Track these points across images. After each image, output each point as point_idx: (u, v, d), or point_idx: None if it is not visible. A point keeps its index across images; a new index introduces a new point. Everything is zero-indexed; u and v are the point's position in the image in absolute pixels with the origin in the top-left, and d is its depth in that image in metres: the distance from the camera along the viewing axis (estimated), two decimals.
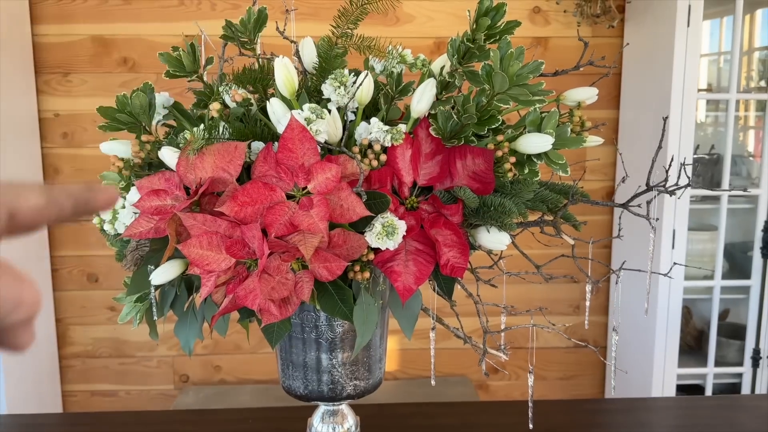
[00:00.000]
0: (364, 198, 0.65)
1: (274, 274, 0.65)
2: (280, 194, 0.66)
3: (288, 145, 0.65)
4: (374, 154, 0.73)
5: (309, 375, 0.84)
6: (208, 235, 0.65)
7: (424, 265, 0.73)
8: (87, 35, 2.19)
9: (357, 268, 0.70)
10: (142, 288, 0.77)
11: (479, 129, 0.74)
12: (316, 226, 0.63)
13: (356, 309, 0.70)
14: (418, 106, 0.77)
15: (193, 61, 0.81)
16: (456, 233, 0.74)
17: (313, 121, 0.67)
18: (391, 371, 2.41)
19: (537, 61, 0.71)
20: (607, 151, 2.35)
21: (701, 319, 2.31)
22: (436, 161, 0.77)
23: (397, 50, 0.86)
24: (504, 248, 0.76)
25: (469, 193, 0.73)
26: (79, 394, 2.41)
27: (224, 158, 0.68)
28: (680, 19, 1.84)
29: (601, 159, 2.36)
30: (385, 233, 0.66)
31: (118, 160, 0.73)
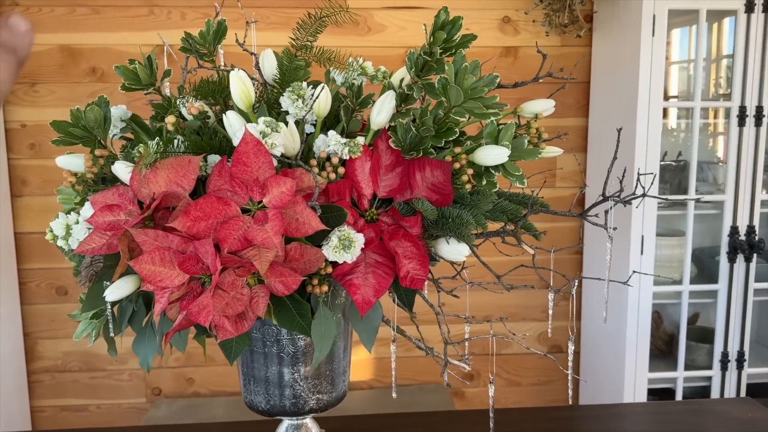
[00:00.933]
0: (318, 212, 0.64)
1: (229, 289, 0.64)
2: (235, 209, 0.65)
3: (242, 158, 0.65)
4: (332, 167, 0.72)
5: (271, 390, 0.83)
6: (160, 251, 0.64)
7: (384, 277, 0.72)
8: (55, 45, 2.16)
9: (315, 281, 0.70)
10: (97, 304, 0.75)
11: (437, 141, 0.74)
12: (270, 240, 0.62)
13: (314, 323, 0.69)
14: (378, 118, 0.77)
15: (150, 73, 0.80)
16: (416, 245, 0.74)
17: (268, 134, 0.66)
18: (367, 380, 2.40)
19: (492, 75, 0.71)
20: (579, 159, 2.37)
21: (672, 323, 2.34)
22: (396, 173, 0.77)
23: (358, 62, 0.86)
24: (463, 259, 0.76)
25: (428, 205, 0.73)
26: (49, 409, 2.36)
27: (178, 172, 0.67)
28: (645, 29, 1.87)
29: (572, 167, 2.38)
30: (341, 246, 0.66)
31: (71, 175, 0.71)
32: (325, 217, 0.67)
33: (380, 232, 0.74)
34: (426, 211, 0.72)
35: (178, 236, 0.64)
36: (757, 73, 1.94)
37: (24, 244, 2.24)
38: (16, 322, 2.25)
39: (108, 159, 0.72)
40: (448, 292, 0.84)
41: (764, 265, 2.16)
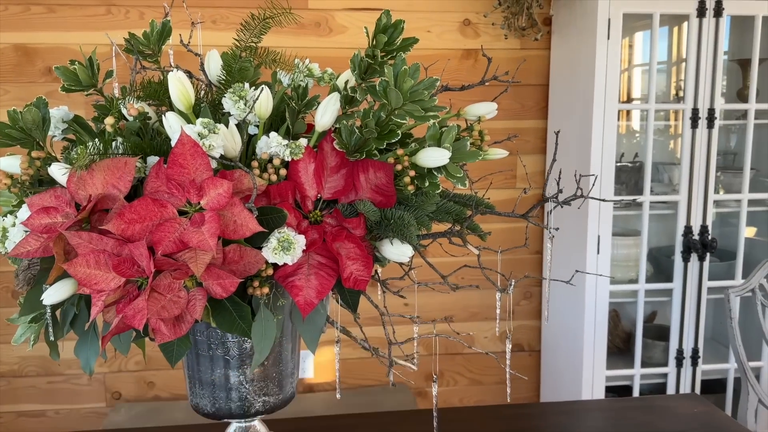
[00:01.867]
0: (255, 213, 0.64)
1: (165, 292, 0.64)
2: (171, 211, 0.64)
3: (179, 160, 0.64)
4: (274, 169, 0.72)
5: (217, 393, 0.82)
6: (95, 253, 0.63)
7: (326, 278, 0.72)
8: (9, 44, 2.11)
9: (256, 283, 0.69)
10: (36, 308, 0.74)
11: (379, 143, 0.74)
12: (206, 242, 0.62)
13: (255, 325, 0.69)
14: (322, 120, 0.77)
15: (91, 74, 0.79)
16: (359, 246, 0.74)
17: (206, 135, 0.66)
18: (329, 381, 2.40)
19: (432, 78, 0.71)
20: (538, 160, 2.40)
21: (630, 321, 2.39)
22: (341, 175, 0.77)
23: (304, 63, 0.86)
24: (407, 260, 0.76)
25: (369, 206, 0.73)
26: (5, 415, 2.30)
27: (114, 174, 0.67)
28: (601, 32, 1.90)
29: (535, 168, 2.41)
30: (281, 248, 0.65)
31: (6, 176, 0.70)
32: (264, 219, 0.67)
33: (324, 234, 0.74)
34: (368, 212, 0.72)
35: (113, 239, 0.63)
36: (709, 76, 1.99)
37: None
38: None
39: (45, 161, 0.71)
40: (395, 293, 0.85)
41: (717, 264, 2.22)
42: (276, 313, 0.71)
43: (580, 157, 2.03)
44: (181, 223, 0.64)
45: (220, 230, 0.63)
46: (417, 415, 1.12)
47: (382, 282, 0.85)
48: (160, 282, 0.64)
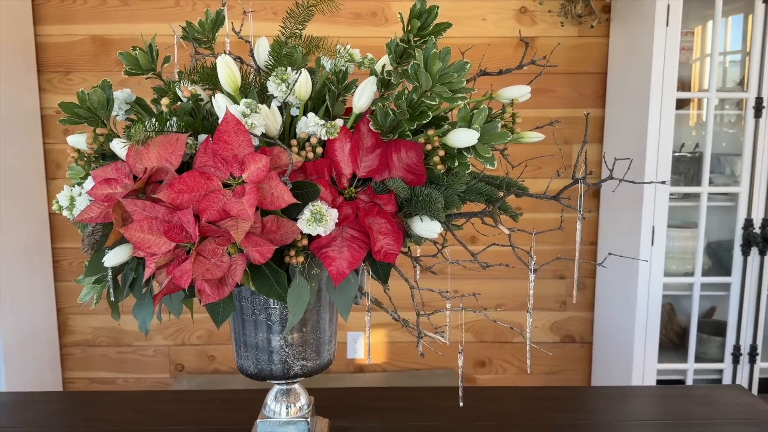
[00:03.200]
0: (289, 186, 0.69)
1: (209, 256, 0.70)
2: (216, 183, 0.71)
3: (223, 137, 0.70)
4: (311, 147, 0.77)
5: (259, 355, 0.89)
6: (148, 220, 0.70)
7: (357, 251, 0.77)
8: (87, 35, 2.26)
9: (292, 252, 0.75)
10: (99, 270, 0.82)
11: (411, 124, 0.78)
12: (245, 212, 0.67)
13: (290, 290, 0.74)
14: (359, 102, 0.81)
15: (150, 60, 0.86)
16: (390, 222, 0.78)
17: (248, 114, 0.71)
18: (380, 363, 2.46)
19: (462, 61, 0.75)
20: (595, 149, 2.37)
21: (686, 316, 2.33)
22: (376, 155, 0.81)
23: (346, 49, 0.90)
24: (435, 236, 0.80)
25: (399, 184, 0.77)
26: (79, 381, 2.48)
27: (167, 149, 0.73)
28: (659, 19, 1.86)
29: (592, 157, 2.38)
30: (314, 219, 0.70)
31: (74, 151, 0.78)
32: (299, 192, 0.72)
33: (357, 209, 0.79)
34: (398, 189, 0.76)
35: (164, 207, 0.70)
36: None
37: (57, 224, 2.36)
38: (50, 297, 2.37)
39: (108, 137, 0.79)
40: (427, 269, 0.89)
41: None
42: (310, 280, 0.76)
43: (636, 146, 2.00)
44: (224, 194, 0.70)
45: (259, 201, 0.69)
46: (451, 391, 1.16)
47: (415, 258, 0.89)
48: (205, 247, 0.70)
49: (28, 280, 2.22)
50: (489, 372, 2.51)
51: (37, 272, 2.28)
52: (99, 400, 1.19)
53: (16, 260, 2.13)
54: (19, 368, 2.15)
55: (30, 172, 2.23)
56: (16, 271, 2.14)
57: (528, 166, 2.13)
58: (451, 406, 1.10)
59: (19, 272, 2.15)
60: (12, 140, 2.12)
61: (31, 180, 2.24)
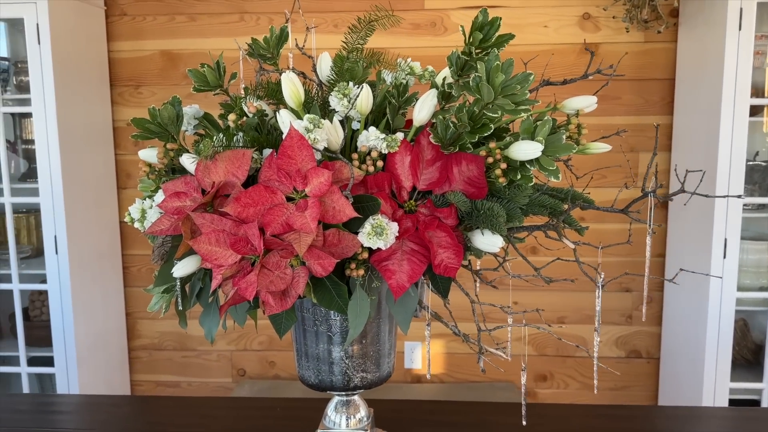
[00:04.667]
0: (350, 200, 0.70)
1: (273, 269, 0.71)
2: (280, 197, 0.72)
3: (287, 152, 0.72)
4: (372, 160, 0.78)
5: (320, 366, 0.90)
6: (215, 233, 0.72)
7: (418, 264, 0.77)
8: (156, 50, 2.36)
9: (353, 265, 0.76)
10: (168, 280, 0.85)
11: (472, 137, 0.77)
12: (307, 225, 0.69)
13: (351, 303, 0.75)
14: (419, 115, 0.82)
15: (218, 76, 0.89)
16: (450, 235, 0.78)
17: (311, 129, 0.73)
18: (438, 374, 2.44)
19: (525, 73, 0.74)
20: (663, 158, 2.29)
21: (761, 332, 2.21)
22: (436, 167, 0.82)
23: (406, 63, 0.91)
24: (497, 250, 0.79)
25: (460, 197, 0.77)
26: (146, 383, 2.58)
27: (234, 164, 0.76)
28: (731, 23, 1.79)
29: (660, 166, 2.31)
30: (374, 233, 0.71)
31: (145, 165, 0.81)
32: (360, 206, 0.73)
33: (417, 223, 0.79)
34: (459, 202, 0.76)
35: (231, 220, 0.72)
36: None
37: (128, 232, 2.46)
38: (120, 302, 2.48)
39: (178, 152, 0.82)
40: (488, 283, 0.88)
41: None
42: (370, 293, 0.77)
43: (707, 155, 1.92)
44: (287, 207, 0.71)
45: (321, 215, 0.70)
46: (513, 407, 1.14)
47: (475, 272, 0.89)
48: (269, 259, 0.71)
49: (99, 285, 2.33)
50: (550, 386, 2.45)
51: (108, 278, 2.39)
52: (164, 405, 1.23)
53: (89, 266, 2.24)
54: (92, 370, 2.25)
55: (102, 181, 2.34)
56: (89, 276, 2.25)
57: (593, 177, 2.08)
58: (513, 423, 1.09)
59: (91, 278, 2.26)
60: (86, 151, 2.23)
61: (103, 189, 2.35)
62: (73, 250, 2.12)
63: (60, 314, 2.12)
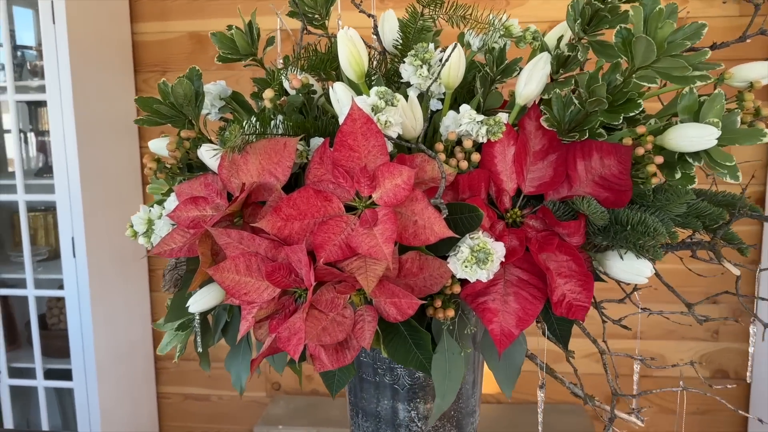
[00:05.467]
0: (445, 213, 0.48)
1: (327, 310, 0.50)
2: (337, 206, 0.51)
3: (347, 141, 0.50)
4: (464, 153, 0.56)
5: (382, 428, 0.69)
6: (245, 256, 0.52)
7: (530, 301, 0.55)
8: (184, 32, 2.17)
9: (438, 303, 0.54)
10: (183, 314, 0.65)
11: (611, 118, 0.55)
12: (379, 249, 0.47)
13: (436, 358, 0.54)
14: (526, 89, 0.59)
15: (250, 41, 0.68)
16: (575, 259, 0.56)
17: (382, 109, 0.51)
18: (495, 394, 2.21)
19: (697, 23, 0.51)
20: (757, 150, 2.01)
21: None
22: (549, 162, 0.59)
23: (501, 20, 0.68)
24: (644, 281, 0.57)
25: (596, 206, 0.54)
26: (173, 396, 2.41)
27: (272, 159, 0.55)
28: None
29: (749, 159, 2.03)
30: (474, 260, 0.49)
31: (152, 160, 0.61)
32: (452, 219, 0.51)
33: (526, 240, 0.57)
34: (594, 214, 0.54)
35: (267, 239, 0.51)
36: None
37: None
38: (145, 308, 2.31)
39: (196, 141, 0.61)
40: (616, 322, 0.65)
41: None
42: (463, 343, 0.55)
43: None
44: (348, 222, 0.50)
45: (397, 233, 0.48)
46: None
47: (598, 306, 0.66)
48: (322, 296, 0.50)
49: (122, 290, 2.16)
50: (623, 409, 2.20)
51: (132, 281, 2.22)
52: None
53: (110, 270, 2.07)
54: (113, 383, 2.09)
55: (126, 177, 2.18)
56: (111, 281, 2.08)
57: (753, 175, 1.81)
58: None
59: (113, 283, 2.10)
60: (107, 144, 2.06)
61: (126, 186, 2.18)
62: (93, 253, 1.95)
63: (78, 323, 1.96)
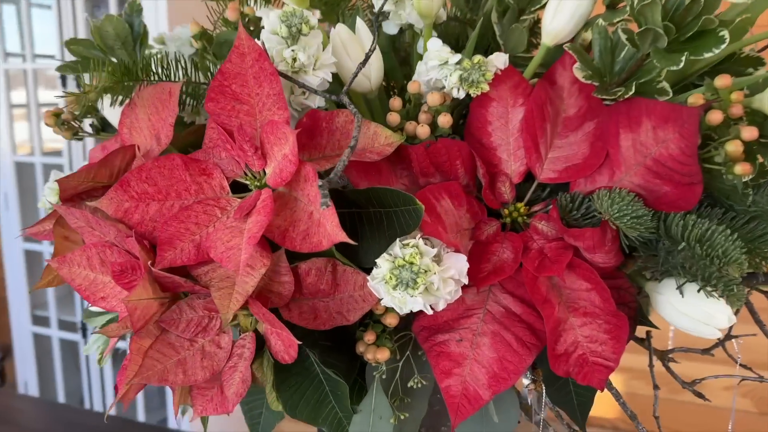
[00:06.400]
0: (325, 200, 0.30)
1: (188, 334, 0.35)
2: (219, 183, 0.35)
3: (231, 87, 0.34)
4: (429, 112, 0.37)
5: None
6: (100, 247, 0.37)
7: (515, 350, 0.35)
8: None
9: (370, 337, 0.36)
10: None
11: (669, 60, 0.33)
12: (234, 254, 0.31)
13: (356, 422, 0.36)
14: (556, 21, 0.40)
15: None
16: (599, 289, 0.35)
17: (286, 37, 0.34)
18: (609, 418, 1.93)
19: None
20: None
21: None
22: (584, 134, 0.39)
23: None
24: (716, 334, 0.34)
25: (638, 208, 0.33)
26: None
27: (159, 113, 0.40)
28: None
29: None
30: (395, 281, 0.31)
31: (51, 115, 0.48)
32: (376, 213, 0.33)
33: (526, 251, 0.37)
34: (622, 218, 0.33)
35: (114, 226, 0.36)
36: None
37: None
38: None
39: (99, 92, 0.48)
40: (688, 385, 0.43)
41: None
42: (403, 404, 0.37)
43: None
44: (226, 208, 0.34)
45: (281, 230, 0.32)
46: None
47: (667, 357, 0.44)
48: (181, 315, 0.35)
49: None
50: None
51: None
52: None
53: None
54: None
55: None
56: None
57: None
58: None
59: None
60: None
61: None
62: None
63: None
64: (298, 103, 0.37)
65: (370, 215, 0.33)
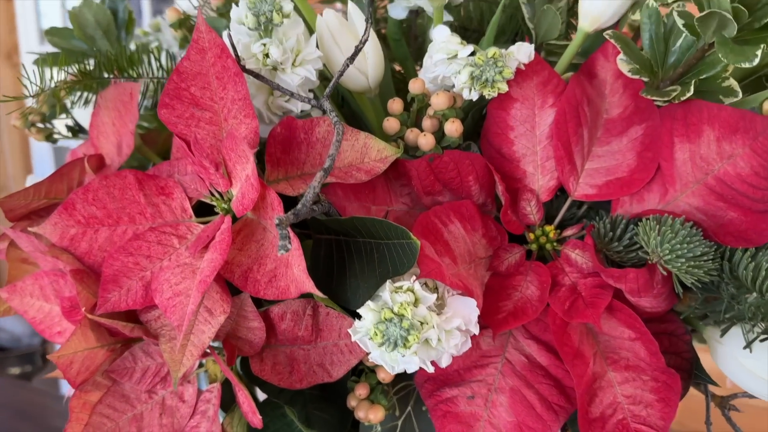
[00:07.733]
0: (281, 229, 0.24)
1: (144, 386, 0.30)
2: (179, 205, 0.29)
3: (190, 89, 0.28)
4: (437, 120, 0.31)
5: None
6: (52, 276, 0.33)
7: (536, 414, 0.29)
8: None
9: (362, 391, 0.30)
10: None
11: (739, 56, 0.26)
12: (181, 303, 0.25)
13: None
14: (594, 2, 0.33)
15: None
16: (645, 341, 0.29)
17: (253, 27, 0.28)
18: None
19: None
20: None
21: None
22: (630, 141, 0.33)
23: None
24: None
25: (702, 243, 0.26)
26: None
27: (120, 116, 0.35)
28: None
29: None
30: (381, 336, 0.25)
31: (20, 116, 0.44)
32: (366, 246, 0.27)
33: (551, 287, 0.30)
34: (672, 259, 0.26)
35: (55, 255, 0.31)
36: None
37: None
38: None
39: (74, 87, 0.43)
40: None
41: None
42: None
43: None
44: (171, 239, 0.28)
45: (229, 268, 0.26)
46: None
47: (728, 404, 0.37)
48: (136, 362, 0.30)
49: None
50: None
51: None
52: None
53: None
54: None
55: None
56: None
57: None
58: None
59: None
60: None
61: None
62: None
63: None
64: (278, 107, 0.31)
65: (359, 246, 0.27)
